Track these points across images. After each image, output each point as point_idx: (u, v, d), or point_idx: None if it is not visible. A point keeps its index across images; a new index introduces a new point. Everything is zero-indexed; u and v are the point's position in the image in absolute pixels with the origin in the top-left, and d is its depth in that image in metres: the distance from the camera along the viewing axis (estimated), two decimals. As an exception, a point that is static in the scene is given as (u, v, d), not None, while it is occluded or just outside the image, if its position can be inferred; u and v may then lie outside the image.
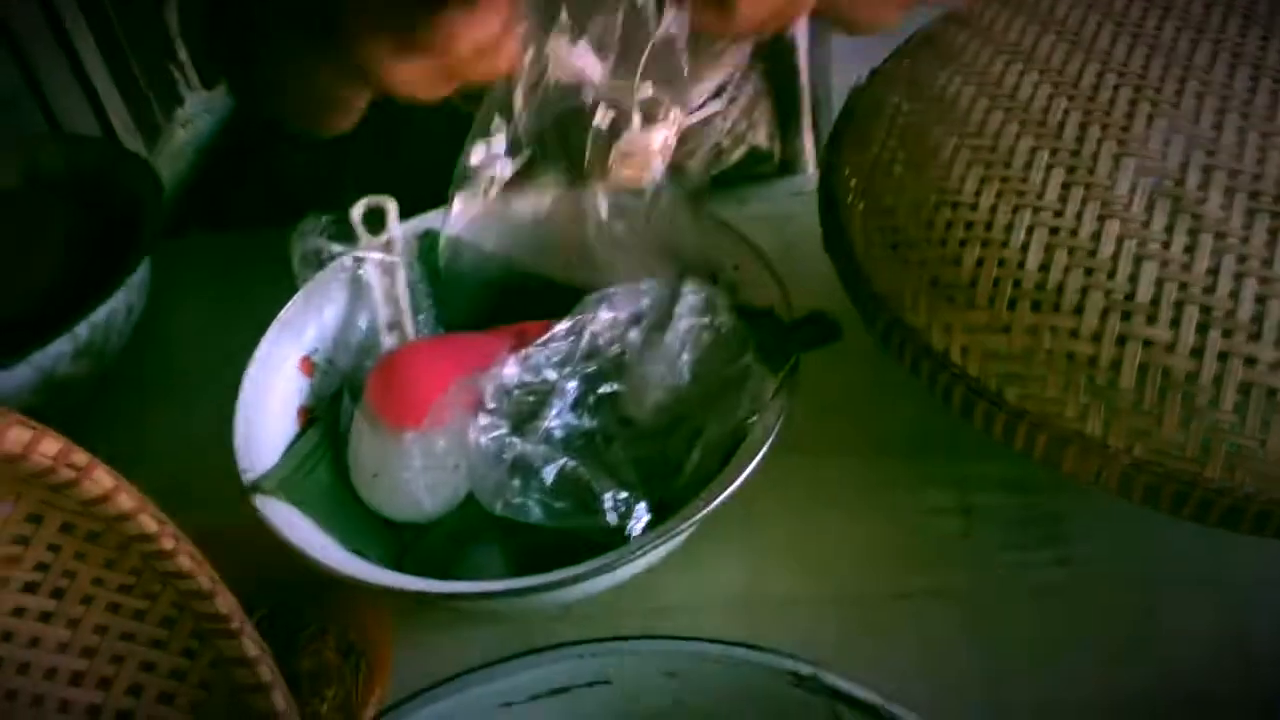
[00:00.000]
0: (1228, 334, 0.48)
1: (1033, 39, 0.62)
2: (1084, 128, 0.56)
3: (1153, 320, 0.49)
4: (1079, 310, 0.51)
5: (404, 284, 0.66)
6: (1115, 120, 0.56)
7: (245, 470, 0.58)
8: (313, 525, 0.57)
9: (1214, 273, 0.50)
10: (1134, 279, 0.50)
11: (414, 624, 0.59)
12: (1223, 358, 0.48)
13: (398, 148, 0.79)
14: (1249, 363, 0.48)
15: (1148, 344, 0.49)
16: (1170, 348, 0.49)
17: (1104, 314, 0.50)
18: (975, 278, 0.54)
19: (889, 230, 0.58)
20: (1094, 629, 0.57)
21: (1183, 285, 0.50)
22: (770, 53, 0.86)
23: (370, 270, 0.66)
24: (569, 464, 0.56)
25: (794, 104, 0.89)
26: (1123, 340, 0.50)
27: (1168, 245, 0.51)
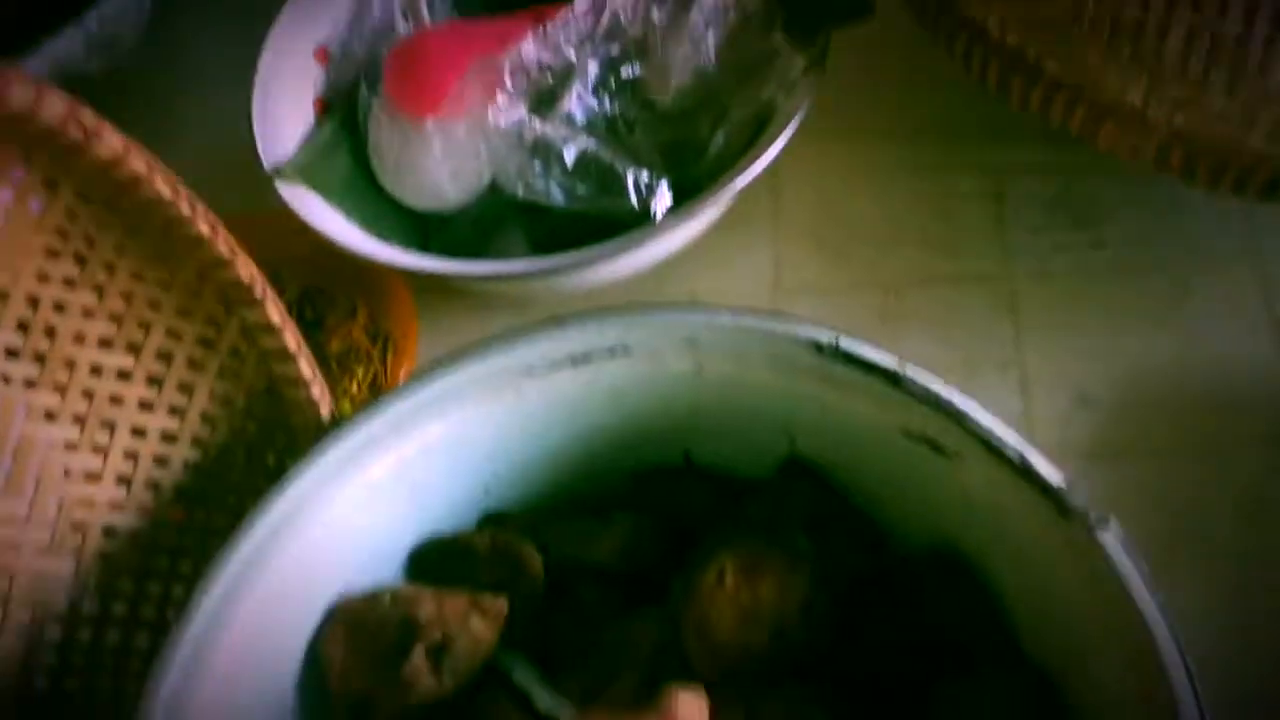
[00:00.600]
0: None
1: None
2: None
3: (1205, -19, 0.46)
4: (1127, -29, 0.48)
5: (418, -34, 0.63)
6: None
7: (266, 158, 0.57)
8: (337, 212, 0.57)
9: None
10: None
11: (439, 310, 0.60)
12: (1275, 22, 0.46)
13: None
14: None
15: (1196, 6, 0.46)
16: (1221, 9, 0.46)
17: (1154, -26, 0.47)
18: (1018, -60, 0.50)
19: (928, -106, 0.54)
20: (1127, 308, 0.57)
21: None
22: None
23: (382, -49, 0.63)
24: (590, 145, 0.55)
25: None
26: (1172, 4, 0.47)
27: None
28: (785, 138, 0.53)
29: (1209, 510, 0.51)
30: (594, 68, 0.57)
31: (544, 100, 0.57)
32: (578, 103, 0.57)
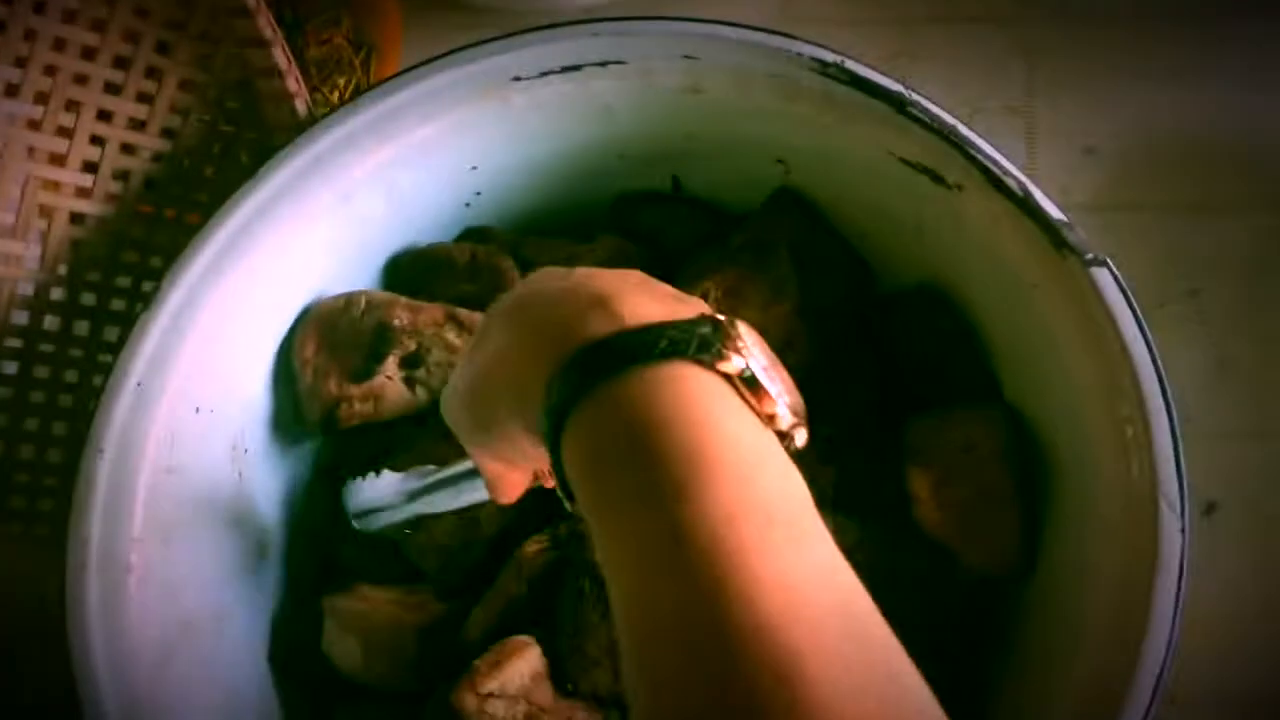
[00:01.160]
0: None
1: None
2: None
3: None
4: None
5: None
6: None
7: None
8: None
9: None
10: None
11: (426, 22, 0.57)
12: None
13: None
14: None
15: None
16: None
17: None
18: None
19: None
20: (1147, 56, 0.54)
21: None
22: None
23: None
24: None
25: None
26: None
27: None
28: None
29: (1210, 269, 0.50)
30: None
31: None
32: None
